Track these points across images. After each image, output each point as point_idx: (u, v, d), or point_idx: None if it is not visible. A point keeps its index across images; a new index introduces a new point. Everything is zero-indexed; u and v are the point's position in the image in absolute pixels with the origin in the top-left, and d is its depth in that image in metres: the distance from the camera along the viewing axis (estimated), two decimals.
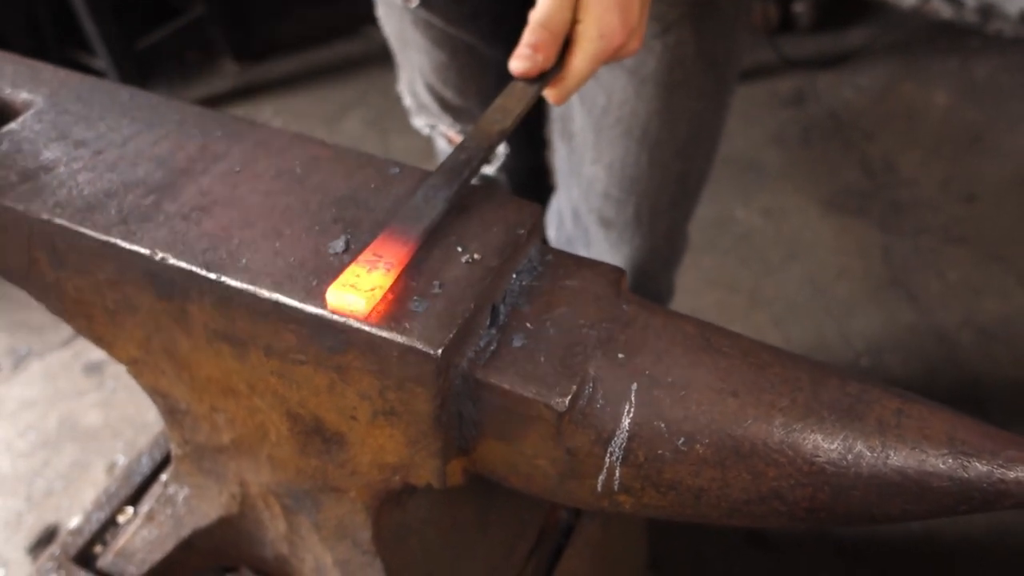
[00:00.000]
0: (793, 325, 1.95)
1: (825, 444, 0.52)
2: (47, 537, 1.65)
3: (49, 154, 0.69)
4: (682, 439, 0.55)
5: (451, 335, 0.55)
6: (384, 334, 0.55)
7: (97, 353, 1.95)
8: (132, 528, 0.88)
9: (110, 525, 0.92)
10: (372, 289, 0.56)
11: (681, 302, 1.47)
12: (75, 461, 1.78)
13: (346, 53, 2.82)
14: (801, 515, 0.54)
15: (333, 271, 0.59)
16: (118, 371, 1.92)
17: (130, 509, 0.94)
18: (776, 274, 2.07)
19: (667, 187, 1.07)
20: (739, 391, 0.55)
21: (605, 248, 1.16)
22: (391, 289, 0.57)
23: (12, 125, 0.71)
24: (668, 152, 1.03)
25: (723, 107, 1.06)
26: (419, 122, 1.25)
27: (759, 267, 2.09)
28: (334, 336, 0.57)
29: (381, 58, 2.89)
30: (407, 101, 1.24)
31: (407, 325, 0.56)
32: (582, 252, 1.17)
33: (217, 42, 2.73)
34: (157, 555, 0.86)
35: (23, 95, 0.74)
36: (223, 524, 0.83)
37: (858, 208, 2.21)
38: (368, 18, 1.18)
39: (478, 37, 1.07)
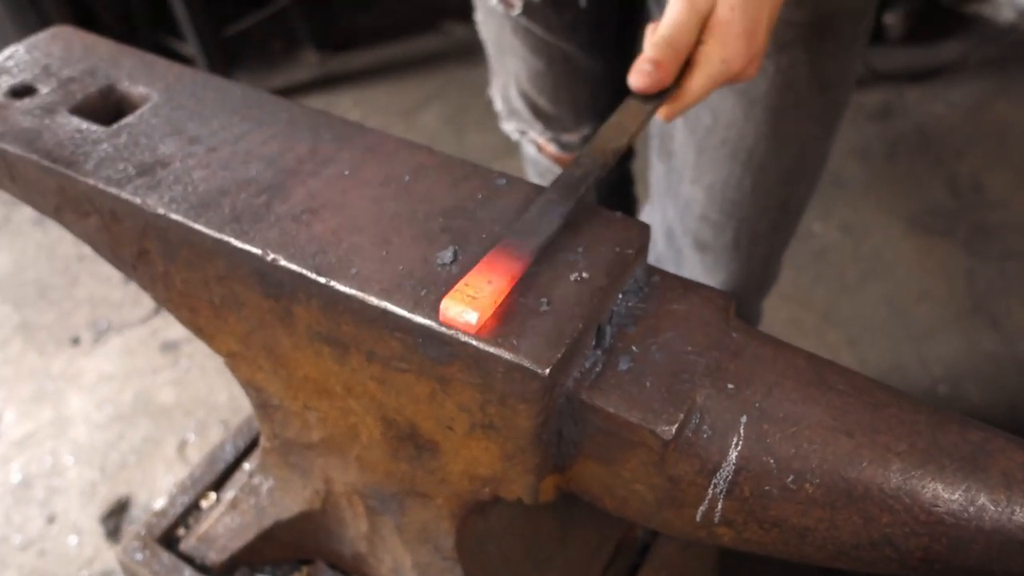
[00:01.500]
0: (869, 347, 1.90)
1: (945, 494, 0.50)
2: (119, 508, 1.70)
3: (165, 149, 0.70)
4: (791, 477, 0.53)
5: (559, 354, 0.55)
6: (492, 349, 0.55)
7: (174, 332, 2.01)
8: (215, 514, 0.89)
9: (193, 509, 0.94)
10: (485, 303, 0.55)
11: None
12: (147, 436, 1.83)
13: (425, 47, 2.83)
14: (914, 564, 0.52)
15: (441, 282, 0.59)
16: (192, 350, 1.97)
17: (213, 495, 0.95)
18: (853, 293, 2.02)
19: (769, 213, 1.04)
20: (853, 431, 0.53)
21: (699, 272, 1.13)
22: (502, 305, 0.57)
23: (130, 118, 0.73)
24: (773, 177, 1.00)
25: (833, 131, 1.02)
26: (509, 127, 1.24)
27: (835, 284, 2.04)
28: (440, 347, 0.57)
29: (459, 54, 2.91)
30: (498, 106, 1.24)
31: (515, 342, 0.55)
32: None
33: (300, 32, 2.77)
34: (238, 543, 0.87)
35: (140, 89, 0.76)
36: (304, 518, 0.84)
37: (943, 228, 2.14)
38: (447, 13, 1.18)
39: (576, 46, 1.06)
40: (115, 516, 1.69)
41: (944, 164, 2.31)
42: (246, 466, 0.97)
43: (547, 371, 0.54)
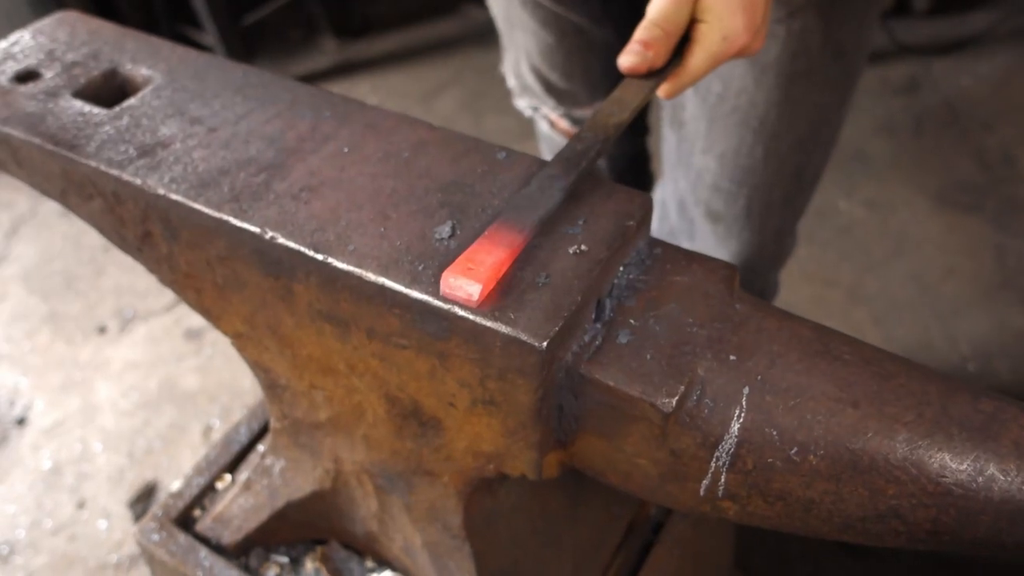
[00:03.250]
0: (895, 324, 1.86)
1: (953, 464, 0.49)
2: (146, 493, 1.73)
3: (166, 130, 0.70)
4: (795, 448, 0.52)
5: (557, 328, 0.54)
6: (489, 323, 0.55)
7: (197, 319, 2.03)
8: (230, 496, 0.90)
9: (209, 491, 0.95)
10: (486, 276, 0.55)
11: (777, 295, 1.42)
12: (173, 423, 1.85)
13: (443, 32, 2.82)
14: (922, 536, 0.50)
15: (439, 257, 0.58)
16: (216, 338, 1.98)
17: (228, 476, 0.96)
18: (879, 270, 1.98)
19: (781, 181, 1.03)
20: (860, 402, 0.52)
21: (711, 242, 1.12)
22: (501, 278, 0.56)
23: (132, 100, 0.73)
24: (785, 145, 0.99)
25: (847, 100, 1.00)
26: (522, 103, 1.23)
27: (861, 261, 2.01)
28: (438, 322, 0.57)
29: (477, 37, 2.90)
30: (511, 82, 1.23)
31: (512, 315, 0.55)
32: (685, 245, 1.14)
33: (318, 20, 2.77)
34: (252, 523, 0.88)
35: (143, 71, 0.76)
36: (316, 498, 0.84)
37: (971, 204, 2.09)
38: None
39: (587, 18, 1.05)
40: (143, 500, 1.72)
41: (972, 138, 2.26)
42: (260, 448, 0.97)
43: (544, 344, 0.53)
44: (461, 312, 0.55)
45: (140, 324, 2.05)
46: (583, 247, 0.59)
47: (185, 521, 0.92)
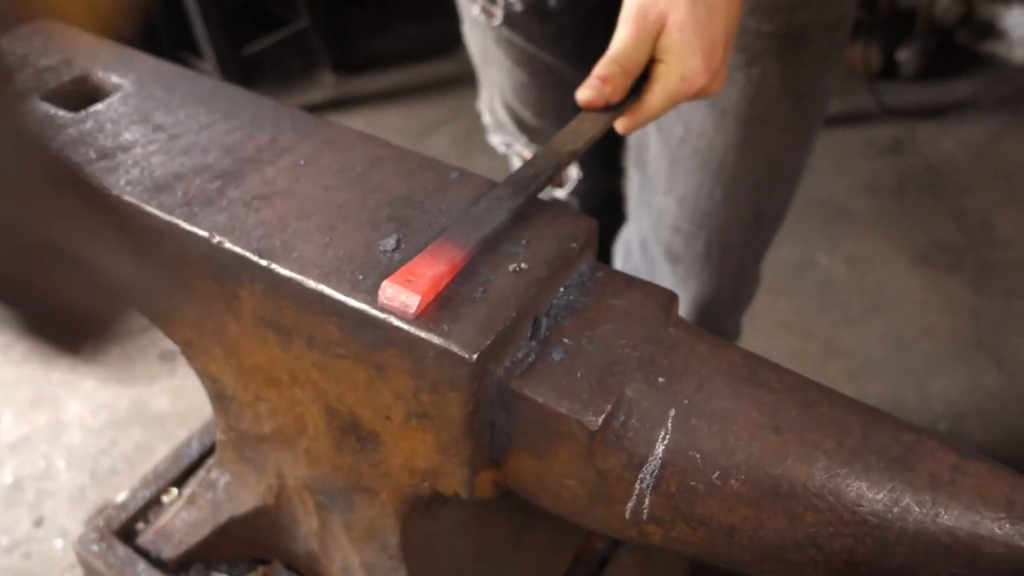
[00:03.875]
0: (869, 379, 1.87)
1: (870, 493, 0.49)
2: None
3: (128, 135, 0.71)
4: (717, 472, 0.52)
5: (488, 341, 0.54)
6: (422, 334, 0.55)
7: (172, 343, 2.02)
8: (173, 509, 0.89)
9: (154, 504, 0.94)
10: (425, 288, 0.55)
11: (752, 344, 1.42)
12: (140, 444, 1.83)
13: (440, 71, 2.87)
14: (839, 567, 0.50)
15: (381, 268, 0.59)
16: None
17: (175, 490, 0.95)
18: (856, 325, 1.99)
19: (740, 224, 1.04)
20: (782, 428, 0.52)
21: (670, 282, 1.12)
22: (440, 292, 0.57)
23: (99, 106, 0.74)
24: (744, 188, 1.00)
25: (807, 145, 1.02)
26: (496, 140, 1.25)
27: (838, 316, 2.02)
28: (374, 332, 0.57)
29: (472, 79, 2.95)
30: (486, 118, 1.25)
31: (446, 327, 0.55)
32: None
33: (317, 54, 2.82)
34: (194, 538, 0.87)
35: (113, 78, 0.78)
36: (259, 514, 0.84)
37: (950, 264, 2.11)
38: (462, 39, 1.20)
39: (560, 59, 1.07)
40: None
41: (953, 200, 2.29)
42: (209, 462, 0.97)
43: (475, 357, 0.54)
44: (396, 322, 0.56)
45: (114, 344, 2.04)
46: (523, 265, 0.59)
47: (127, 533, 0.91)
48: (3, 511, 1.70)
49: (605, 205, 1.33)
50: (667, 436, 0.53)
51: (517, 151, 1.23)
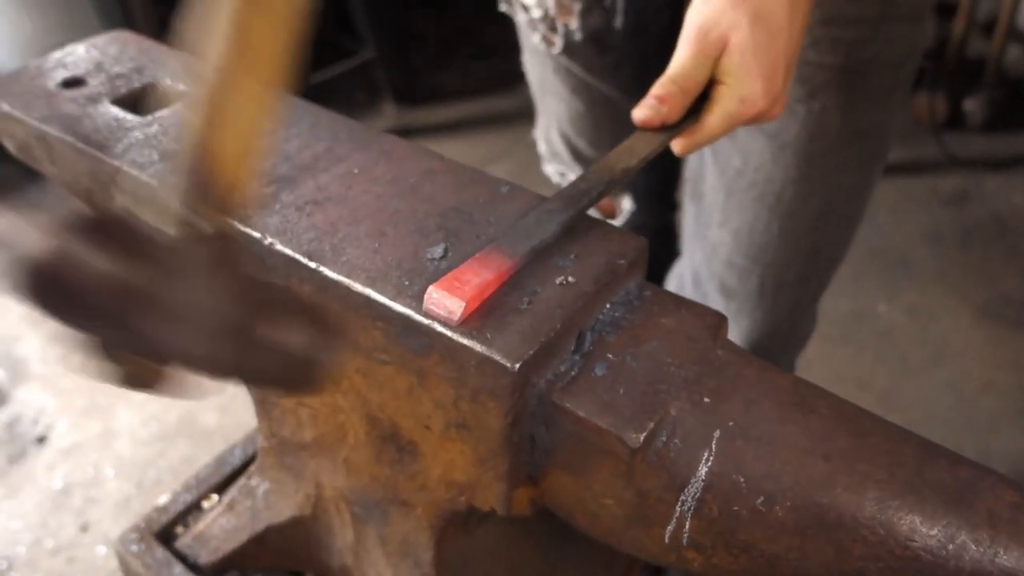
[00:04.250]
0: (928, 434, 1.74)
1: (923, 528, 0.47)
2: None
3: None
4: (762, 498, 0.50)
5: (531, 351, 0.54)
6: (466, 341, 0.55)
7: None
8: (212, 515, 0.90)
9: (194, 508, 0.94)
10: (470, 295, 0.55)
11: None
12: (186, 457, 1.86)
13: (500, 107, 2.91)
14: None
15: (428, 274, 0.59)
16: None
17: (215, 496, 0.96)
18: (916, 377, 1.93)
19: (795, 261, 1.01)
20: (831, 456, 0.50)
21: None
22: (485, 300, 0.56)
23: (164, 112, 0.77)
24: (801, 224, 0.98)
25: (867, 185, 0.99)
26: (550, 169, 1.25)
27: (897, 367, 1.96)
28: (419, 338, 0.57)
29: (532, 114, 2.97)
30: (541, 148, 1.25)
31: (489, 336, 0.55)
32: None
33: (382, 85, 2.88)
34: (230, 545, 0.87)
35: (180, 87, 0.80)
36: (295, 524, 0.83)
37: (1016, 318, 2.04)
38: (524, 75, 1.21)
39: (617, 89, 1.07)
40: None
41: (1020, 254, 2.22)
42: (251, 470, 0.97)
43: (517, 366, 0.53)
44: (439, 328, 0.56)
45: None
46: (571, 279, 0.59)
47: (166, 536, 0.91)
48: (51, 515, 1.73)
49: (657, 239, 1.31)
50: (711, 458, 0.52)
51: (571, 181, 1.23)
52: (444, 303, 0.55)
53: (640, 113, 0.69)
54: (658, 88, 0.69)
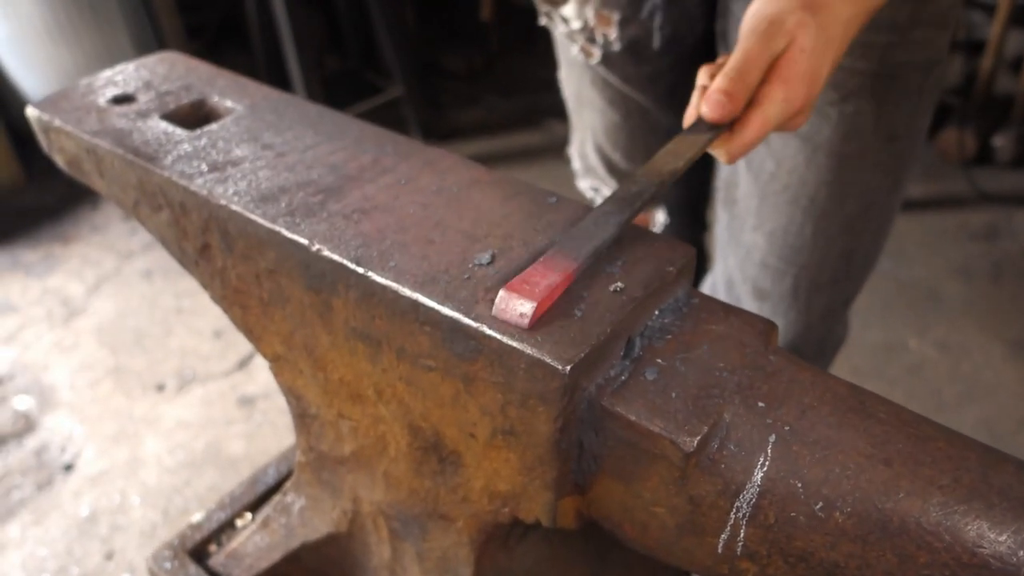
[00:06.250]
0: None
1: (992, 534, 0.45)
2: None
3: (238, 152, 0.74)
4: (820, 503, 0.49)
5: (582, 355, 0.53)
6: (515, 344, 0.54)
7: (252, 387, 2.06)
8: (247, 532, 0.89)
9: (228, 527, 0.94)
10: (540, 296, 0.55)
11: None
12: (212, 485, 1.85)
13: (525, 143, 2.93)
14: None
15: (476, 280, 0.59)
16: (267, 407, 2.01)
17: (249, 515, 0.95)
18: (947, 413, 1.90)
19: (829, 262, 1.01)
20: (893, 460, 0.49)
21: None
22: (553, 301, 0.56)
23: (212, 126, 0.78)
24: (834, 225, 0.98)
25: (898, 185, 1.00)
26: (584, 184, 1.26)
27: (929, 403, 1.92)
28: (466, 342, 0.57)
29: (558, 150, 3.00)
30: (575, 164, 1.26)
31: (539, 339, 0.54)
32: None
33: (409, 121, 2.93)
34: (264, 563, 0.86)
35: (227, 103, 0.81)
36: (331, 541, 0.83)
37: None
38: (549, 112, 1.22)
39: (653, 100, 1.08)
40: None
41: None
42: (286, 486, 0.97)
43: (567, 369, 0.53)
44: (489, 331, 0.55)
45: (198, 386, 2.09)
46: (620, 285, 0.59)
47: (199, 554, 0.91)
48: (77, 542, 1.73)
49: None
50: (766, 463, 0.51)
51: (604, 195, 1.24)
52: (514, 305, 0.55)
53: (710, 110, 0.67)
54: (725, 83, 0.66)
